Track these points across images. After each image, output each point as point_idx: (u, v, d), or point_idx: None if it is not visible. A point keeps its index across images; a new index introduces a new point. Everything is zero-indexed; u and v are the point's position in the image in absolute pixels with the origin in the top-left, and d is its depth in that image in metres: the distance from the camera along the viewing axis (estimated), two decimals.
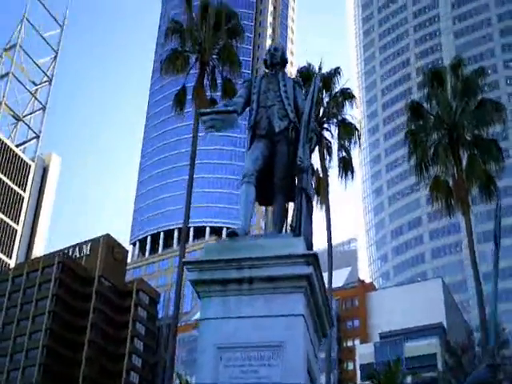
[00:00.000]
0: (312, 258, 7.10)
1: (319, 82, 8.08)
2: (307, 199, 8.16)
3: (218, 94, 27.50)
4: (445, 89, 25.35)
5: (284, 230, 8.27)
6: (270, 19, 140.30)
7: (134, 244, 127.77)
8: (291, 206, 8.87)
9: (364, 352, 73.60)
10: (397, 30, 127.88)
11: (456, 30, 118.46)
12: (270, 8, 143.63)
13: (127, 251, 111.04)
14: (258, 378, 6.76)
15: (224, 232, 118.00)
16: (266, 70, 9.14)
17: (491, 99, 25.67)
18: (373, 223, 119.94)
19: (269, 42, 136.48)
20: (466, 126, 24.40)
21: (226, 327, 7.04)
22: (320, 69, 7.95)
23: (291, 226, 8.07)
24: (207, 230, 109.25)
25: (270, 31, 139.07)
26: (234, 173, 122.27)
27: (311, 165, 8.54)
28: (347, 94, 27.98)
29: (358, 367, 73.70)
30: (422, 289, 79.11)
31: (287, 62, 9.28)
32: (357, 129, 23.50)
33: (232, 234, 7.64)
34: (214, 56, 27.73)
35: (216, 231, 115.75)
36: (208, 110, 8.64)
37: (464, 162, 23.93)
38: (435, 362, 63.99)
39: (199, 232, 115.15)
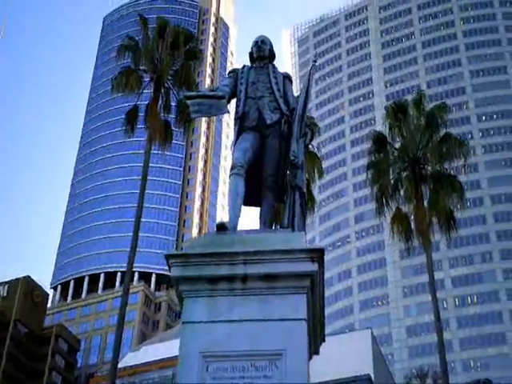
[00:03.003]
0: (318, 254, 6.15)
1: (314, 74, 7.39)
2: (301, 197, 7.29)
3: (172, 116, 26.68)
4: (408, 122, 25.54)
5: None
6: (210, 49, 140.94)
7: (55, 288, 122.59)
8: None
9: None
10: (332, 89, 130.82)
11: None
12: (210, 39, 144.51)
13: (48, 295, 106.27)
14: None
15: (153, 277, 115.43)
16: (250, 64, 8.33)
17: (454, 135, 25.98)
18: None
19: (208, 70, 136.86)
20: (429, 159, 24.51)
21: (213, 333, 5.95)
22: (315, 61, 7.40)
23: (282, 226, 7.15)
24: (136, 275, 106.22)
25: (209, 60, 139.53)
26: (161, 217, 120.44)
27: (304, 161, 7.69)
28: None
29: None
30: (351, 339, 78.67)
31: (275, 57, 8.50)
32: (319, 158, 23.05)
33: (221, 227, 6.63)
34: (170, 77, 27.07)
35: (145, 276, 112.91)
36: (194, 94, 7.74)
37: (425, 196, 23.88)
38: None
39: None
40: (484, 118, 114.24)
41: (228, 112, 7.67)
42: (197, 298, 6.13)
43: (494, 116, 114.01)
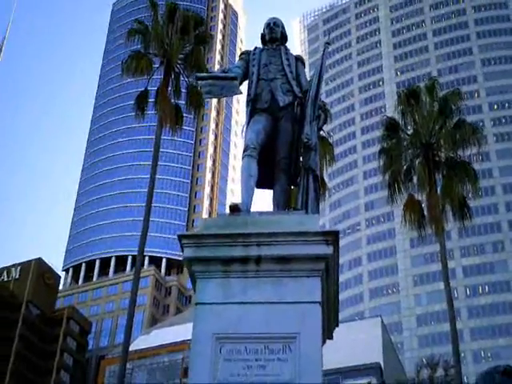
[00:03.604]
0: (333, 237, 6.06)
1: (327, 55, 7.25)
2: (314, 180, 7.19)
3: (181, 102, 26.52)
4: (421, 108, 25.26)
5: None
6: (219, 36, 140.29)
7: (66, 270, 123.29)
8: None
9: None
10: (342, 76, 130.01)
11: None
12: (220, 26, 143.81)
13: (59, 277, 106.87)
14: (266, 375, 5.63)
15: (163, 261, 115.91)
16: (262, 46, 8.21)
17: (468, 121, 25.70)
18: None
19: (218, 57, 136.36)
20: (442, 145, 24.30)
21: (227, 314, 5.89)
22: (328, 43, 7.26)
23: (295, 208, 7.06)
24: (146, 259, 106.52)
25: (219, 47, 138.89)
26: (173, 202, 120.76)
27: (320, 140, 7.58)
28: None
29: None
30: (361, 327, 78.78)
31: (287, 39, 8.39)
32: (330, 144, 22.85)
33: (234, 209, 6.54)
34: (179, 61, 26.87)
35: (156, 261, 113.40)
36: (205, 75, 7.63)
37: (438, 182, 23.67)
38: None
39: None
40: (496, 106, 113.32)
41: (240, 93, 7.57)
42: (210, 279, 6.07)
43: (506, 105, 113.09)
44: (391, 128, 25.43)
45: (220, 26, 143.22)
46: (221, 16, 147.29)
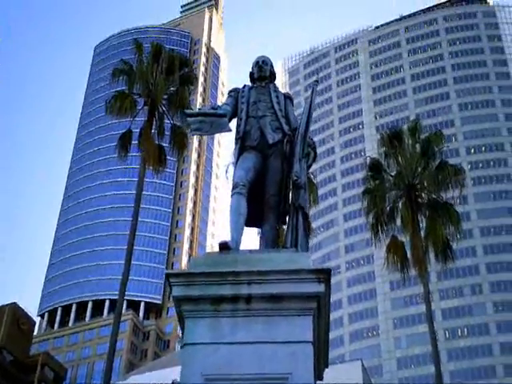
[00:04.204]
0: (325, 275, 5.96)
1: (316, 94, 7.26)
2: (304, 218, 7.12)
3: (165, 144, 26.44)
4: (403, 149, 25.52)
5: None
6: (201, 79, 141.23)
7: (42, 315, 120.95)
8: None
9: None
10: (322, 119, 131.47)
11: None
12: (202, 68, 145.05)
13: (35, 323, 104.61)
14: None
15: (142, 305, 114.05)
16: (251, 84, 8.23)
17: (450, 163, 25.97)
18: None
19: (199, 99, 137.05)
20: (425, 187, 24.42)
21: (216, 354, 5.73)
22: (317, 82, 7.27)
23: (285, 246, 6.96)
24: (124, 303, 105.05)
25: (200, 89, 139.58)
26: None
27: (308, 179, 7.53)
28: None
29: None
30: (342, 371, 77.88)
31: (276, 77, 8.42)
32: (314, 184, 22.87)
33: (223, 247, 6.41)
34: (164, 101, 26.88)
35: (134, 305, 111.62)
36: (194, 112, 7.55)
37: (421, 224, 23.72)
38: None
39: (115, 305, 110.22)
40: (473, 150, 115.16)
41: (230, 130, 7.51)
42: (199, 318, 5.93)
43: (483, 148, 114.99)
44: (374, 169, 25.65)
45: (202, 69, 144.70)
46: (203, 59, 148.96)
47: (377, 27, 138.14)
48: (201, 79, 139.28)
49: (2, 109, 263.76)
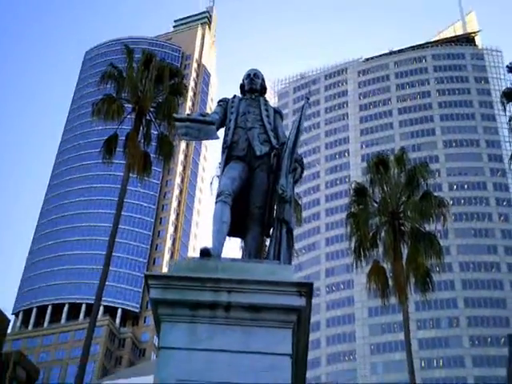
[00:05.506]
0: (306, 289, 5.89)
1: (307, 110, 7.23)
2: (288, 232, 7.04)
3: (151, 153, 26.21)
4: (389, 177, 25.64)
5: None
6: (190, 93, 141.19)
7: (16, 314, 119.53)
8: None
9: None
10: (309, 144, 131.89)
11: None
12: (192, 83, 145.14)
13: (9, 320, 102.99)
14: None
15: (119, 312, 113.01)
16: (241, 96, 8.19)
17: (435, 194, 26.11)
18: None
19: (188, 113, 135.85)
20: (409, 216, 24.48)
21: (192, 361, 5.63)
22: (308, 98, 7.24)
23: (267, 258, 6.88)
24: (101, 308, 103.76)
25: (189, 104, 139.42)
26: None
27: (294, 197, 7.47)
28: None
29: None
30: None
31: (266, 91, 8.40)
32: (299, 205, 22.79)
33: (204, 253, 6.32)
34: (152, 109, 26.64)
35: (111, 311, 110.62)
36: (183, 117, 7.43)
37: (403, 251, 23.75)
38: None
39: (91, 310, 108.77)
40: (455, 187, 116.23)
41: (217, 138, 7.44)
42: (176, 323, 5.82)
43: (465, 186, 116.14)
44: (359, 193, 25.73)
45: (192, 84, 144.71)
46: (193, 74, 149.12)
47: (367, 59, 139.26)
48: (190, 93, 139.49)
49: None
